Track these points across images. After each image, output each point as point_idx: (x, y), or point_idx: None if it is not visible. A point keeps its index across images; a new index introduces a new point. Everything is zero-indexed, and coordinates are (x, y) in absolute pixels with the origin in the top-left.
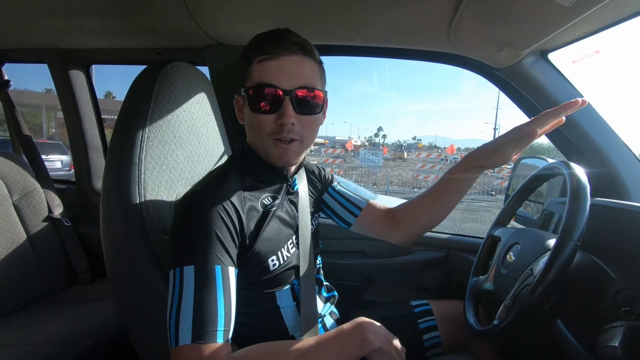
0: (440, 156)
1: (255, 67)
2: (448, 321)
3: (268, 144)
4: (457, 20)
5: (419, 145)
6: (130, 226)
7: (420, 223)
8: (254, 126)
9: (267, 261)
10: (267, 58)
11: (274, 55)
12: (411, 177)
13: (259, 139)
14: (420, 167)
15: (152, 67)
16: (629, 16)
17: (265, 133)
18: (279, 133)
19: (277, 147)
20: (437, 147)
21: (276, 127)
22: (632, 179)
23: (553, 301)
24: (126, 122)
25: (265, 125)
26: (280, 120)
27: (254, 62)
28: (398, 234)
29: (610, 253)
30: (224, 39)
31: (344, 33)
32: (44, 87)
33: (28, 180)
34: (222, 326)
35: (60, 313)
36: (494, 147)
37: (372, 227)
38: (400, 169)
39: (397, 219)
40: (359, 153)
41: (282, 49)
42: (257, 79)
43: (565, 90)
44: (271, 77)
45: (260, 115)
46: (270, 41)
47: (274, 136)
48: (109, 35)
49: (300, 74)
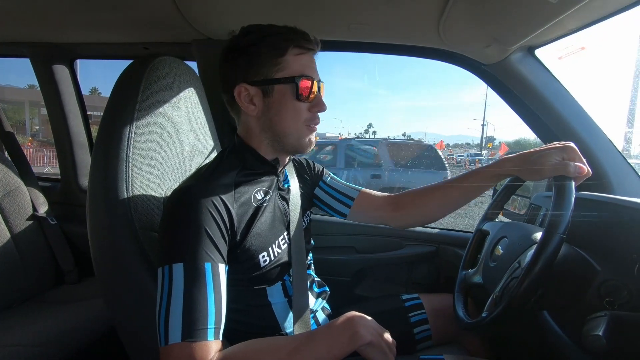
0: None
1: (292, 58)
2: (438, 314)
3: (302, 130)
4: (446, 16)
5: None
6: (118, 223)
7: (421, 213)
8: (293, 114)
9: (258, 257)
10: (304, 52)
11: (310, 50)
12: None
13: (294, 126)
14: None
15: (139, 62)
16: (613, 13)
17: (302, 120)
18: (313, 120)
19: (310, 132)
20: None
21: (311, 115)
22: (615, 173)
23: (540, 293)
24: (113, 118)
25: (303, 113)
26: (317, 108)
27: (289, 53)
28: (397, 219)
29: (595, 245)
30: (213, 33)
31: (334, 28)
32: (27, 83)
33: (11, 178)
34: (212, 324)
35: (47, 313)
36: (537, 159)
37: (368, 214)
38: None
39: (397, 205)
40: None
41: (315, 45)
42: (298, 70)
43: (551, 85)
44: (309, 70)
45: (302, 104)
46: (303, 35)
47: (307, 123)
48: (94, 29)
49: (316, 68)
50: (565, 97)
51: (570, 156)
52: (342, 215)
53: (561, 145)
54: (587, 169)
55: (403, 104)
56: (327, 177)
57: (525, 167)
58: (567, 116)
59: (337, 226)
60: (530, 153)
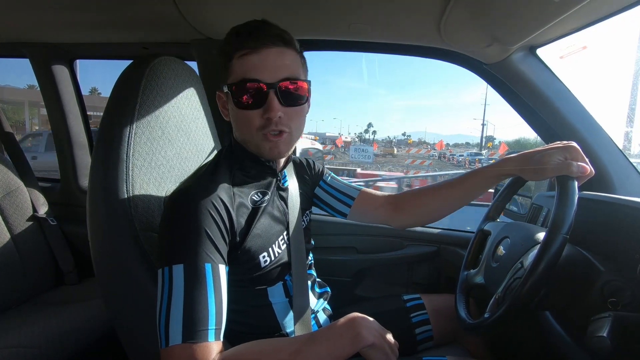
0: (430, 152)
1: (236, 62)
2: (440, 315)
3: (257, 138)
4: (447, 16)
5: (409, 141)
6: (118, 224)
7: (422, 213)
8: (241, 122)
9: (258, 257)
10: (247, 52)
11: (255, 49)
12: (401, 172)
13: (248, 134)
14: (410, 163)
15: (139, 62)
16: (614, 12)
17: (253, 128)
18: (267, 127)
19: (267, 141)
20: (426, 143)
21: (264, 121)
22: (617, 173)
23: (542, 293)
24: (113, 118)
25: (253, 120)
26: (267, 115)
27: (234, 57)
28: (397, 219)
29: (597, 245)
30: (213, 33)
31: (335, 28)
32: (26, 83)
33: (11, 179)
34: (213, 325)
35: (46, 314)
36: (540, 159)
37: (369, 213)
38: (390, 164)
39: (398, 205)
40: (349, 149)
41: (263, 42)
42: (239, 75)
43: (553, 85)
44: (254, 72)
45: (247, 111)
46: (248, 35)
47: (262, 131)
48: (93, 29)
49: (283, 65)
50: (567, 96)
51: (573, 156)
52: (342, 214)
53: (564, 144)
54: (590, 168)
55: (403, 104)
56: (328, 176)
57: (527, 166)
58: (569, 116)
59: (337, 226)
60: (533, 153)
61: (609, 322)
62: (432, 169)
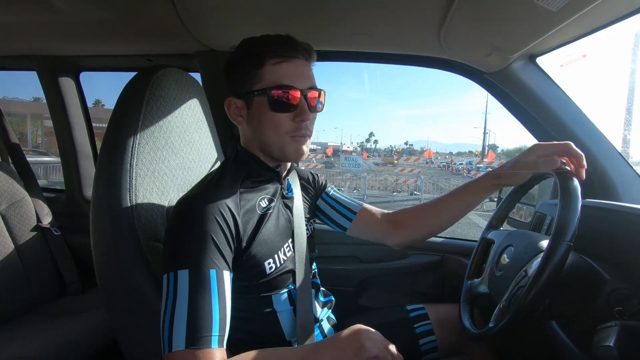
0: (419, 160)
1: (270, 68)
2: (444, 325)
3: (285, 140)
4: (447, 26)
5: (398, 150)
6: (121, 234)
7: (420, 229)
8: (273, 125)
9: (264, 264)
10: (282, 60)
11: (289, 58)
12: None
13: (276, 137)
14: (400, 171)
15: (144, 73)
16: (612, 21)
17: (284, 131)
18: (297, 130)
19: (295, 142)
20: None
21: (294, 125)
22: (620, 180)
23: (547, 302)
24: (117, 129)
25: (285, 124)
26: (300, 118)
27: (267, 63)
28: (396, 237)
29: (602, 253)
30: (216, 45)
31: (336, 39)
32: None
33: (16, 189)
34: (217, 331)
35: (48, 325)
36: (511, 168)
37: (367, 230)
38: (387, 173)
39: (396, 223)
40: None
41: (296, 52)
42: (273, 80)
43: (553, 93)
44: (289, 79)
45: (281, 115)
46: (282, 44)
47: (291, 134)
48: (100, 42)
49: (309, 75)
50: (568, 104)
51: (557, 150)
52: (342, 228)
53: (548, 143)
54: (576, 163)
55: (405, 113)
56: (330, 190)
57: (515, 169)
58: (570, 123)
59: (340, 236)
60: (520, 156)
61: (615, 332)
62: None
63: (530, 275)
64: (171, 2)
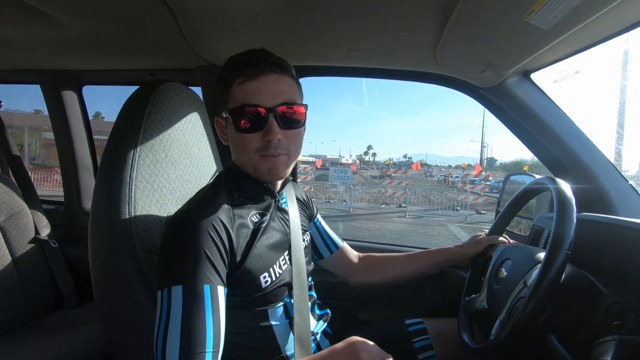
0: (407, 172)
1: (236, 88)
2: (443, 339)
3: (256, 160)
4: (442, 43)
5: (387, 162)
6: (119, 246)
7: (384, 275)
8: (241, 145)
9: (259, 278)
10: (247, 79)
11: (254, 76)
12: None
13: (247, 157)
14: (389, 184)
15: (145, 87)
16: (604, 39)
17: (252, 151)
18: (266, 149)
19: (266, 161)
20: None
21: (263, 144)
22: (616, 194)
23: (547, 314)
24: (117, 142)
25: (252, 143)
26: (267, 137)
27: (234, 84)
28: (361, 277)
29: (600, 267)
30: (216, 59)
31: (334, 55)
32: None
33: (15, 201)
34: (210, 347)
35: (44, 339)
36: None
37: (340, 266)
38: (380, 186)
39: (367, 266)
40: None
41: (261, 68)
42: (239, 100)
43: (547, 108)
44: (253, 97)
45: (247, 135)
46: (248, 62)
47: (261, 153)
48: (102, 56)
49: (280, 91)
50: (562, 118)
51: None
52: (319, 257)
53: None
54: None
55: (403, 126)
56: (317, 219)
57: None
58: (565, 137)
59: None
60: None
61: (613, 346)
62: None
63: (529, 285)
64: (173, 18)
